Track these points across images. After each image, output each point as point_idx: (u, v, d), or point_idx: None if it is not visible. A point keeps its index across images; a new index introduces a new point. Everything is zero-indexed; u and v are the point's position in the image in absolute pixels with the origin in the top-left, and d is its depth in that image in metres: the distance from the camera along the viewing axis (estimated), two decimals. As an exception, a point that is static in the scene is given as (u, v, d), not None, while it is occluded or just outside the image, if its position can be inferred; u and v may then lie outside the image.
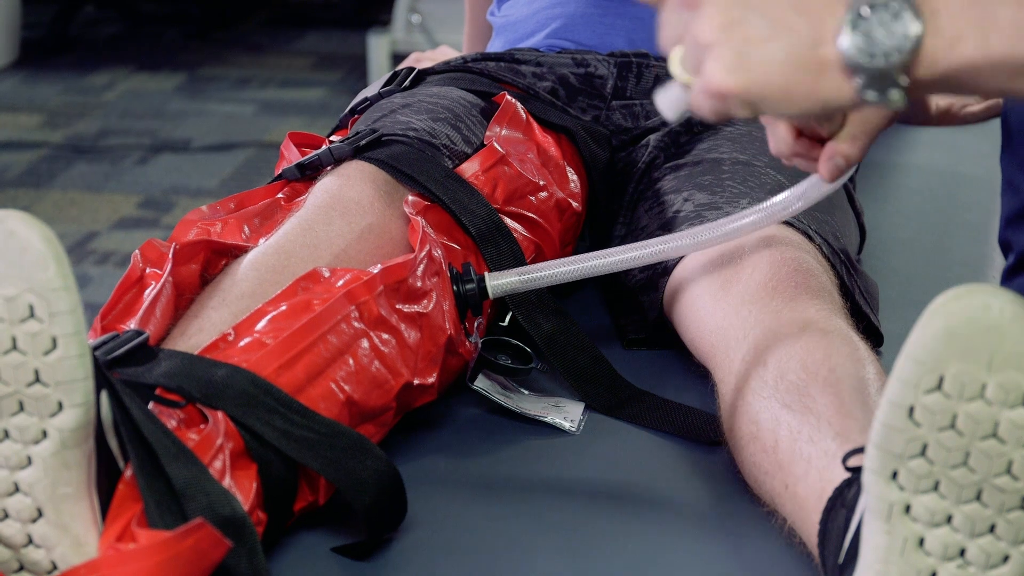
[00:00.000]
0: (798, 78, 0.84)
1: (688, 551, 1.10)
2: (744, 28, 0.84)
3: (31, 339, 0.92)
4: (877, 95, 0.83)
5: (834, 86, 0.84)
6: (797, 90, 0.84)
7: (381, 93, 1.50)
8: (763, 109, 0.86)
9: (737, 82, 0.84)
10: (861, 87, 0.83)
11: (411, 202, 1.28)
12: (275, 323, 1.11)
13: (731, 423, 1.15)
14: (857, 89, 0.83)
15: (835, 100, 0.84)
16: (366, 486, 1.06)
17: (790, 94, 0.84)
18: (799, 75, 0.84)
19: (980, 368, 0.84)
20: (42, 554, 0.95)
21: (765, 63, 0.84)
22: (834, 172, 1.06)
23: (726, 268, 1.27)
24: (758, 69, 0.84)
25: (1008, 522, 0.87)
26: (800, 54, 0.83)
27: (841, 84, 0.84)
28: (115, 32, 4.65)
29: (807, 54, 0.83)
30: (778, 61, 0.84)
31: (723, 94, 0.85)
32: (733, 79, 0.84)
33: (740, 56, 0.84)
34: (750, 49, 0.84)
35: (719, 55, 0.84)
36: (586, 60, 1.57)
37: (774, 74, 0.84)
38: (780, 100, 0.85)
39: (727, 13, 0.84)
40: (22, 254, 0.91)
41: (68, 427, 0.93)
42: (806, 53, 0.83)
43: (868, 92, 0.83)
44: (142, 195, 3.31)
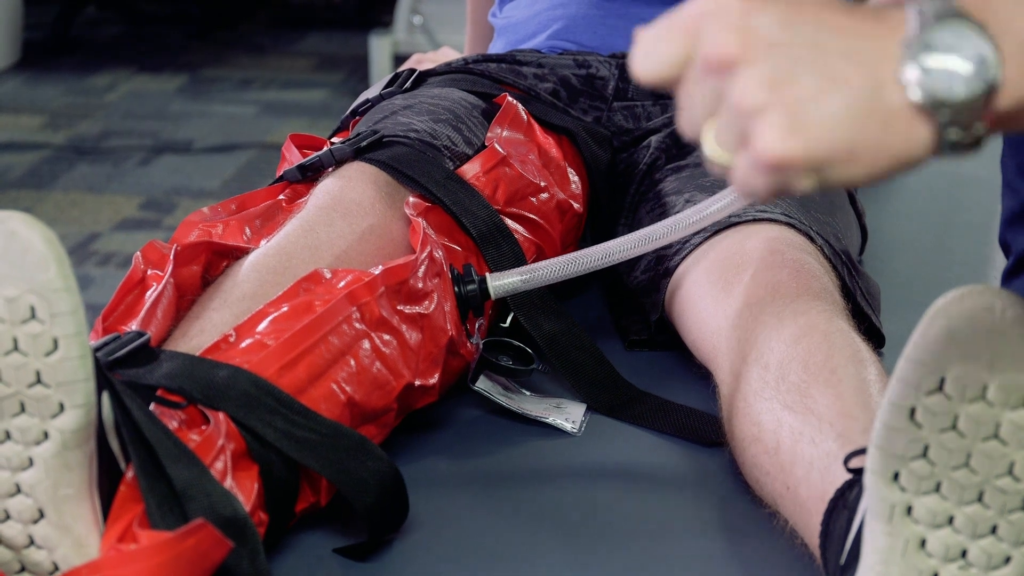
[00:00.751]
0: (864, 132, 0.72)
1: (690, 552, 1.10)
2: (794, 85, 0.72)
3: (32, 340, 0.92)
4: (961, 133, 0.72)
5: (907, 133, 0.72)
6: (865, 146, 0.73)
7: (382, 94, 1.50)
8: (829, 176, 0.73)
9: (796, 147, 0.72)
10: (944, 126, 0.72)
11: (412, 203, 1.28)
12: (276, 324, 1.11)
13: (732, 424, 1.15)
14: (937, 130, 0.72)
15: (911, 150, 0.73)
16: (367, 487, 1.06)
17: (857, 152, 0.73)
18: (864, 128, 0.72)
19: (981, 369, 0.84)
20: (44, 555, 0.95)
21: (825, 120, 0.72)
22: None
23: (728, 269, 1.27)
24: (818, 128, 0.72)
25: (1010, 523, 0.87)
26: (862, 104, 0.72)
27: (915, 130, 0.72)
28: (117, 33, 4.66)
29: (870, 103, 0.72)
30: (839, 116, 0.72)
31: (782, 164, 0.72)
32: (791, 144, 0.72)
33: (795, 117, 0.72)
34: (806, 107, 0.72)
35: (771, 120, 0.72)
36: (587, 61, 1.57)
37: (837, 131, 0.72)
38: (847, 160, 0.73)
39: (772, 72, 0.73)
40: (23, 255, 0.91)
41: (69, 428, 0.93)
42: (869, 103, 0.72)
43: (951, 130, 0.72)
44: (144, 196, 3.31)
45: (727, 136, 0.75)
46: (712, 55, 0.73)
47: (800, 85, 0.72)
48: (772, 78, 0.72)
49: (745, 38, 0.73)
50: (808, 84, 0.72)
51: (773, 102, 0.72)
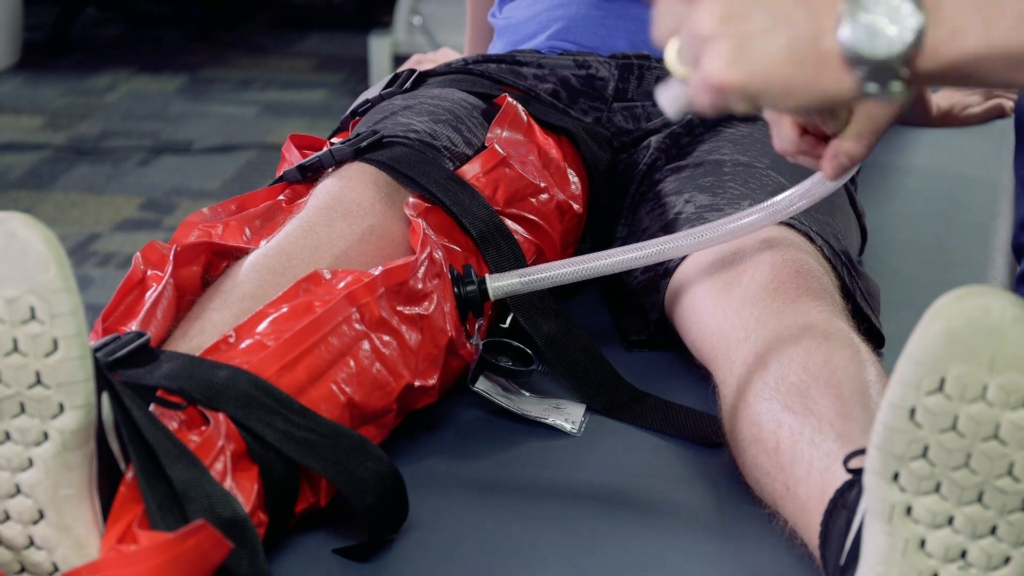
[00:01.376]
0: (798, 71, 0.83)
1: (689, 552, 1.10)
2: (744, 21, 0.83)
3: (32, 341, 0.92)
4: (878, 87, 0.82)
5: (835, 79, 0.83)
6: (797, 83, 0.83)
7: (382, 95, 1.50)
8: (763, 103, 0.85)
9: (737, 75, 0.83)
10: (862, 79, 0.82)
11: (412, 204, 1.28)
12: (276, 325, 1.11)
13: (732, 424, 1.15)
14: (858, 81, 0.83)
15: (836, 93, 0.84)
16: (367, 487, 1.06)
17: (790, 87, 0.84)
18: (800, 68, 0.83)
19: (981, 369, 0.84)
20: (43, 556, 0.95)
21: (765, 56, 0.83)
22: (838, 170, 1.06)
23: (727, 270, 1.27)
24: (758, 62, 0.83)
25: (1009, 524, 0.87)
26: (801, 47, 0.83)
27: (842, 77, 0.83)
28: (117, 34, 4.66)
29: (808, 47, 0.83)
30: (779, 54, 0.83)
31: (723, 88, 0.84)
32: (733, 72, 0.83)
33: (740, 49, 0.83)
34: (750, 42, 0.83)
35: (718, 48, 0.84)
36: (587, 62, 1.57)
37: (774, 67, 0.83)
38: (780, 93, 0.84)
39: (727, 6, 0.84)
40: (23, 256, 0.91)
41: (69, 429, 0.93)
42: (807, 46, 0.83)
43: (869, 84, 0.82)
44: (144, 197, 3.31)
45: (685, 55, 0.87)
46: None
47: (750, 21, 0.83)
48: (726, 12, 0.84)
49: None
50: (757, 21, 0.83)
51: (723, 33, 0.84)
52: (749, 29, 0.83)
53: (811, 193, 1.17)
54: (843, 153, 1.04)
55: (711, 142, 1.49)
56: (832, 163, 1.05)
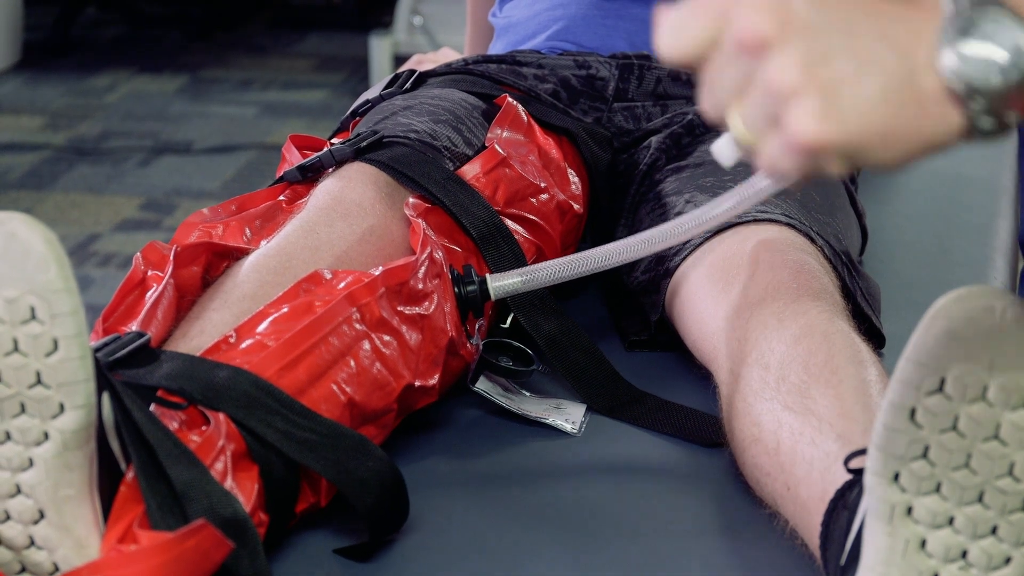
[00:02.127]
0: (899, 116, 0.72)
1: (690, 553, 1.10)
2: (829, 68, 0.71)
3: (32, 341, 0.92)
4: (993, 121, 0.72)
5: (940, 119, 0.72)
6: (899, 130, 0.72)
7: (382, 95, 1.50)
8: (862, 159, 0.73)
9: (831, 131, 0.71)
10: (977, 113, 0.72)
11: (412, 204, 1.28)
12: (277, 325, 1.11)
13: (732, 425, 1.15)
14: (971, 117, 0.72)
15: (943, 135, 0.73)
16: (368, 487, 1.06)
17: (891, 136, 0.72)
18: (899, 113, 0.72)
19: (982, 370, 0.84)
20: (44, 556, 0.95)
21: (860, 105, 0.71)
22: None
23: (728, 270, 1.27)
24: (853, 113, 0.71)
25: (1010, 524, 0.87)
26: (897, 88, 0.72)
27: (948, 116, 0.72)
28: (117, 34, 4.66)
29: (905, 87, 0.72)
30: (874, 100, 0.71)
31: (816, 147, 0.72)
32: (826, 128, 0.71)
33: (830, 100, 0.71)
34: (840, 90, 0.71)
35: (805, 102, 0.71)
36: (587, 62, 1.57)
37: (872, 116, 0.72)
38: (881, 145, 0.72)
39: (807, 53, 0.72)
40: (23, 256, 0.91)
41: (70, 429, 0.93)
42: (903, 86, 0.72)
43: (983, 119, 0.72)
44: (144, 197, 3.31)
45: (756, 118, 0.74)
46: (746, 35, 0.72)
47: (835, 67, 0.71)
48: (806, 60, 0.71)
49: (779, 19, 0.72)
50: (843, 67, 0.71)
51: (807, 84, 0.71)
52: (837, 76, 0.72)
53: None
54: None
55: (712, 142, 1.49)
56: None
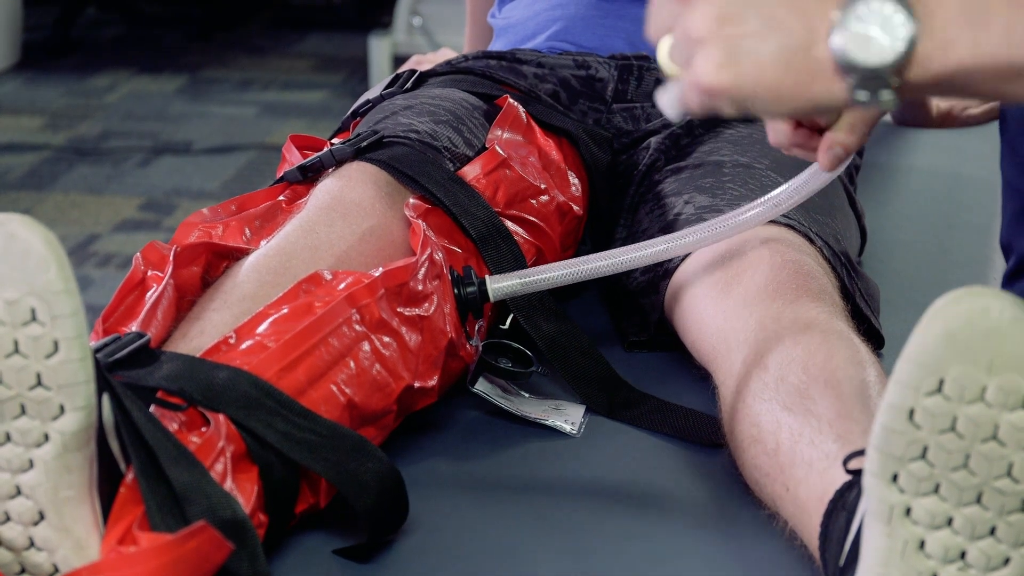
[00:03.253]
0: (788, 77, 0.84)
1: (689, 553, 1.10)
2: (736, 24, 0.84)
3: (33, 342, 0.92)
4: (868, 95, 0.83)
5: (825, 86, 0.84)
6: (787, 89, 0.84)
7: (383, 95, 1.50)
8: (752, 107, 0.86)
9: (726, 79, 0.84)
10: (853, 87, 0.83)
11: (412, 205, 1.28)
12: (277, 326, 1.11)
13: (732, 425, 1.15)
14: (849, 89, 0.83)
15: (825, 100, 0.84)
16: (368, 488, 1.06)
17: (779, 93, 0.84)
18: (790, 74, 0.84)
19: (980, 370, 0.84)
20: (44, 557, 0.95)
21: (756, 61, 0.83)
22: (833, 162, 1.06)
23: (727, 270, 1.27)
24: (748, 67, 0.84)
25: (1008, 524, 0.87)
26: (792, 53, 0.83)
27: (832, 84, 0.83)
28: (117, 34, 4.66)
29: (799, 53, 0.83)
30: (769, 60, 0.83)
31: (712, 91, 0.85)
32: (722, 75, 0.84)
33: (730, 53, 0.84)
34: (741, 46, 0.83)
35: (709, 51, 0.84)
36: (587, 62, 1.57)
37: (764, 73, 0.84)
38: (769, 99, 0.85)
39: (720, 8, 0.84)
40: (24, 257, 0.91)
41: (70, 430, 0.93)
42: (799, 52, 0.83)
43: (859, 92, 0.83)
44: (143, 197, 3.31)
45: (677, 54, 0.88)
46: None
47: (742, 25, 0.83)
48: (719, 14, 0.84)
49: None
50: (749, 25, 0.83)
51: (714, 36, 0.84)
52: (741, 33, 0.83)
53: (807, 186, 1.16)
54: (838, 144, 1.04)
55: (711, 143, 1.49)
56: (828, 155, 1.05)
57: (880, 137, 1.96)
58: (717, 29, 0.84)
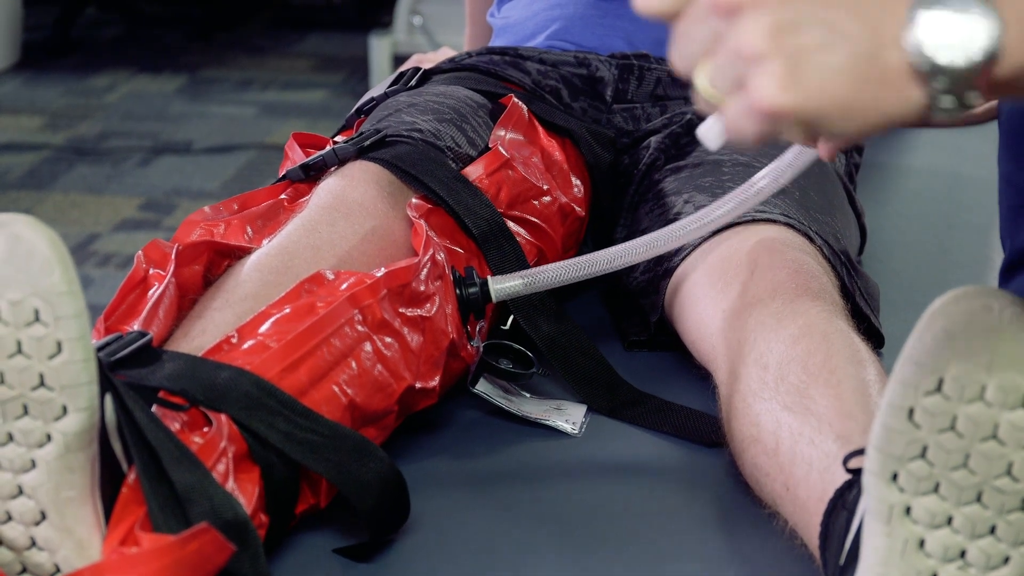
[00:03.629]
0: (861, 90, 0.73)
1: (689, 552, 1.10)
2: (797, 36, 0.73)
3: (36, 343, 0.92)
4: (955, 101, 0.73)
5: (901, 95, 0.73)
6: (859, 104, 0.74)
7: (387, 92, 1.49)
8: (820, 129, 0.75)
9: (792, 98, 0.73)
10: (938, 93, 0.73)
11: (414, 205, 1.28)
12: (279, 326, 1.11)
13: (732, 425, 1.15)
14: (931, 96, 0.73)
15: (903, 111, 0.74)
16: (369, 488, 1.06)
17: (851, 109, 0.74)
18: (862, 86, 0.73)
19: (980, 370, 0.84)
20: (45, 557, 0.95)
21: (823, 75, 0.73)
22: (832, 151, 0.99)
23: (727, 270, 1.27)
24: (816, 83, 0.73)
25: (1008, 523, 0.87)
26: (863, 62, 0.73)
27: (910, 93, 0.73)
28: (117, 34, 4.65)
29: (871, 62, 0.73)
30: (838, 72, 0.73)
31: (776, 114, 0.73)
32: (787, 95, 0.73)
33: (794, 68, 0.73)
34: (806, 60, 0.72)
35: (770, 68, 0.73)
36: (588, 60, 1.57)
37: (835, 87, 0.73)
38: (840, 117, 0.74)
39: (777, 20, 0.73)
40: (28, 258, 0.91)
41: (72, 431, 0.93)
42: (869, 61, 0.73)
43: (945, 98, 0.73)
44: (143, 197, 3.31)
45: (722, 77, 0.75)
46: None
47: (803, 36, 0.72)
48: (776, 26, 0.73)
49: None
50: (811, 36, 0.72)
51: (774, 50, 0.73)
52: (804, 45, 0.73)
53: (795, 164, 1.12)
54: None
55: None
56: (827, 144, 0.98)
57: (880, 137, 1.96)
58: (775, 43, 0.73)
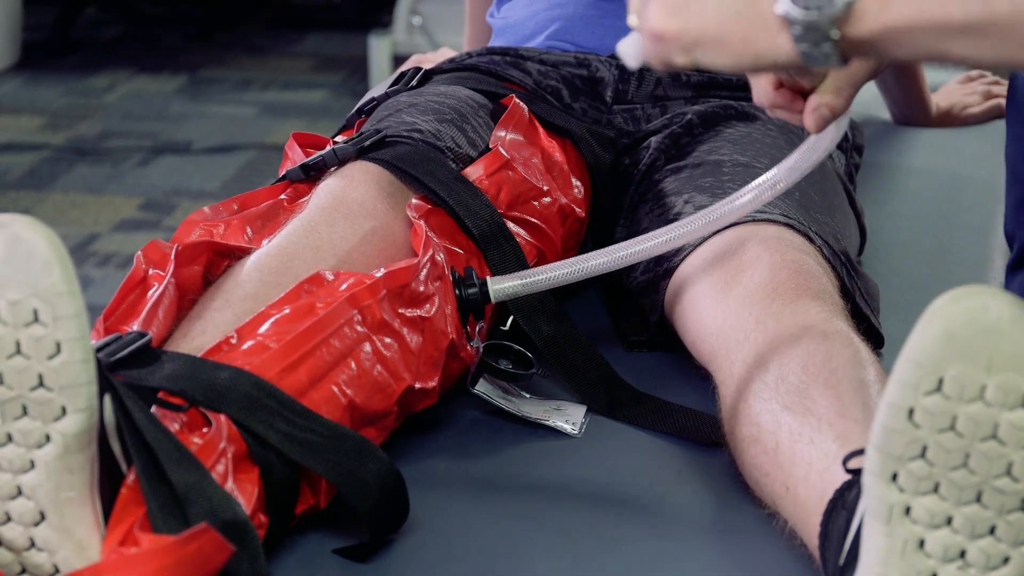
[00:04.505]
0: (733, 27, 0.89)
1: (689, 553, 1.10)
2: None
3: (35, 343, 0.92)
4: (809, 47, 0.87)
5: (768, 39, 0.89)
6: (732, 39, 0.90)
7: (388, 92, 1.49)
8: (699, 58, 0.91)
9: (672, 24, 0.91)
10: (795, 39, 0.87)
11: (414, 205, 1.28)
12: (278, 326, 1.11)
13: (732, 425, 1.15)
14: (791, 42, 0.88)
15: (768, 53, 0.89)
16: (369, 488, 1.06)
17: (724, 43, 0.90)
18: (734, 24, 0.89)
19: (979, 370, 0.84)
20: (44, 557, 0.95)
21: (702, 10, 0.90)
22: (820, 123, 1.06)
23: (727, 270, 1.27)
24: (694, 15, 0.90)
25: (1008, 523, 0.87)
26: (738, 5, 0.89)
27: (775, 38, 0.88)
28: (117, 34, 4.65)
29: (746, 7, 0.89)
30: (714, 9, 0.89)
31: (660, 37, 0.92)
32: (669, 22, 0.91)
33: (677, 3, 0.91)
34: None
35: (659, 1, 0.92)
36: (588, 61, 1.57)
37: (709, 21, 0.90)
38: (715, 49, 0.90)
39: None
40: (27, 258, 0.91)
41: (71, 431, 0.93)
42: (745, 6, 0.89)
43: (801, 44, 0.87)
44: (143, 197, 3.31)
45: (636, 4, 0.95)
46: None
47: None
48: None
49: None
50: None
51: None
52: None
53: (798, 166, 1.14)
54: (823, 106, 1.05)
55: (710, 143, 1.49)
56: (813, 116, 1.06)
57: (880, 137, 1.96)
58: None
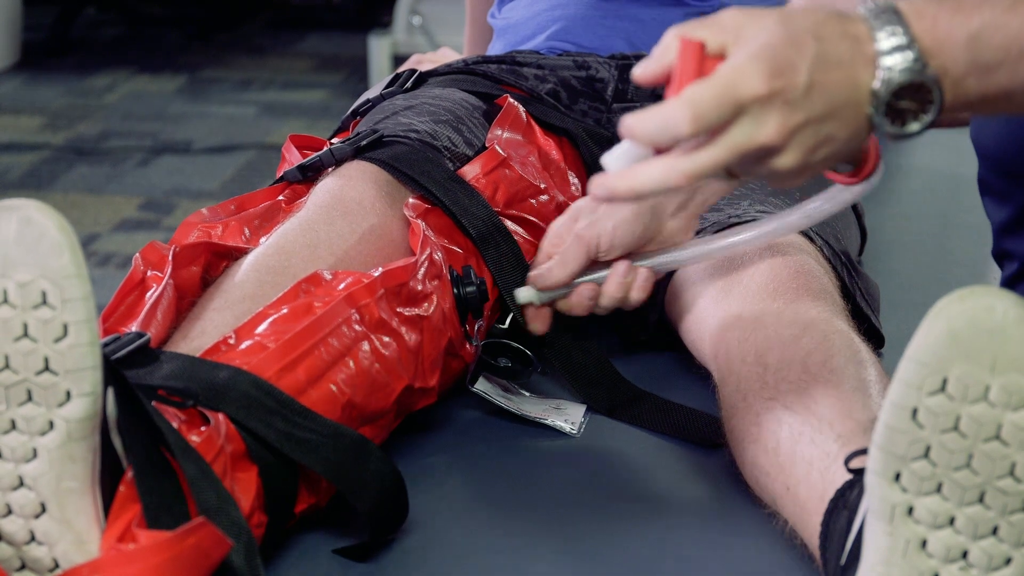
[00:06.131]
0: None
1: (689, 552, 1.10)
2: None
3: (42, 326, 0.92)
4: (882, 120, 0.95)
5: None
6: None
7: (383, 95, 1.49)
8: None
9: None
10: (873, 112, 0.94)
11: (411, 204, 1.28)
12: (276, 326, 1.11)
13: (732, 424, 1.15)
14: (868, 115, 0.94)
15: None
16: (368, 488, 1.06)
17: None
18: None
19: (983, 370, 0.84)
20: (44, 551, 0.95)
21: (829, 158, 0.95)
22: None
23: (727, 270, 1.27)
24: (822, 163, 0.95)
25: (1011, 524, 0.87)
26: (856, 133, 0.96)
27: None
28: (116, 34, 4.66)
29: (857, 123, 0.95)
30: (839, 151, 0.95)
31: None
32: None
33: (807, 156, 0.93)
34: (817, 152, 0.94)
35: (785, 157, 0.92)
36: (587, 62, 1.57)
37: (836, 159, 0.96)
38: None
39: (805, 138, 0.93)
40: (38, 241, 0.91)
41: (75, 418, 0.93)
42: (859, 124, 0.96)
43: (876, 118, 0.95)
44: (143, 197, 3.31)
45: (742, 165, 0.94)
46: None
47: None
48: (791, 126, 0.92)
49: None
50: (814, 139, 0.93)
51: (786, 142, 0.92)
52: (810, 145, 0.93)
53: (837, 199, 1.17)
54: None
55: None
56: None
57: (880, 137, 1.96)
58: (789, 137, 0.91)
